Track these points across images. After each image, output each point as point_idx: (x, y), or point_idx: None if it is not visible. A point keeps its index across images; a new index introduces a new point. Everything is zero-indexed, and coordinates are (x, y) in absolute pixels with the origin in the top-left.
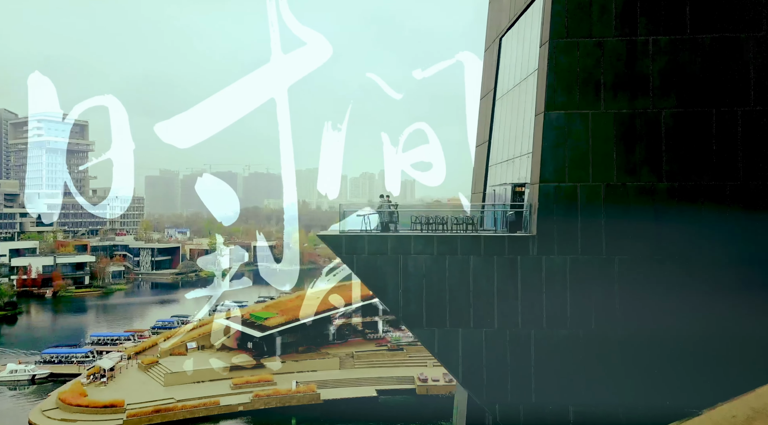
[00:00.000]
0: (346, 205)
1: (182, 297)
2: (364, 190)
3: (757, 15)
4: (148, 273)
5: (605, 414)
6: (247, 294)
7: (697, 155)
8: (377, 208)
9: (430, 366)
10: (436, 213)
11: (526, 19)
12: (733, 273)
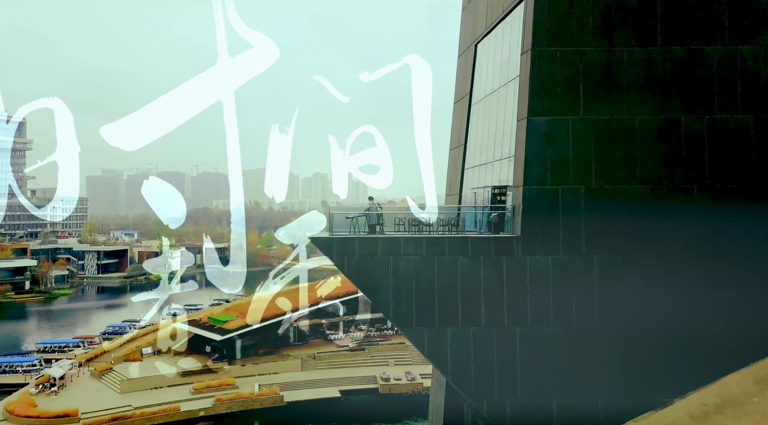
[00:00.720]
0: (335, 208)
1: (130, 302)
2: (317, 191)
3: (720, 28)
4: (94, 277)
5: (586, 407)
6: (198, 297)
7: (668, 160)
8: (365, 210)
9: (392, 366)
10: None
11: (504, 27)
12: (703, 271)
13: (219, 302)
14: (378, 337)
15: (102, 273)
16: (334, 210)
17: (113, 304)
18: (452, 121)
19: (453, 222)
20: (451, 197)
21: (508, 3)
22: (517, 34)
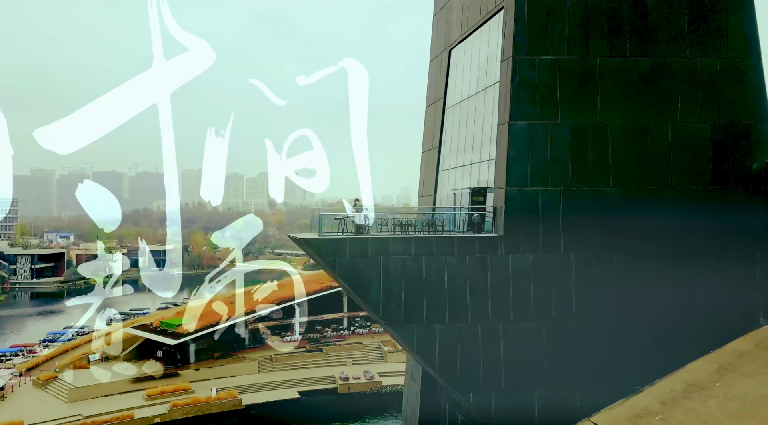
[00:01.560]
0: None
1: (67, 307)
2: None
3: (682, 42)
4: (28, 282)
5: (565, 397)
6: (141, 301)
7: (637, 163)
8: (354, 211)
9: (350, 365)
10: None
11: (481, 35)
12: (668, 266)
13: (167, 306)
14: (335, 337)
15: (37, 277)
16: (323, 211)
17: (49, 310)
18: (424, 125)
19: (438, 223)
20: (425, 198)
21: (486, 11)
22: (495, 42)
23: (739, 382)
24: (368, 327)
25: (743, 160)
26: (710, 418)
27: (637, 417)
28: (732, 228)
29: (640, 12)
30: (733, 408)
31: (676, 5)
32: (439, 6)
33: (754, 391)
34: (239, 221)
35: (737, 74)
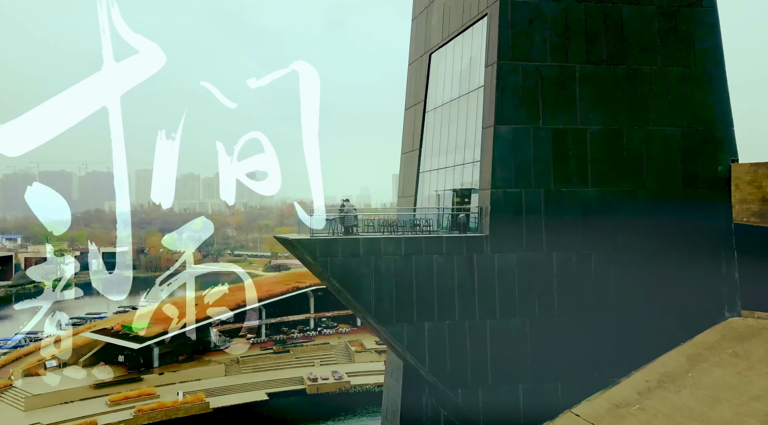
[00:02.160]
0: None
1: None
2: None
3: (654, 52)
4: None
5: (548, 390)
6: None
7: (614, 166)
8: (343, 212)
9: (318, 366)
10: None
11: (463, 40)
12: (641, 263)
13: (125, 309)
14: (302, 339)
15: None
16: (316, 212)
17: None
18: (404, 127)
19: (425, 224)
20: (406, 199)
21: (468, 18)
22: (478, 47)
23: (708, 372)
24: (335, 328)
25: (709, 163)
26: (684, 406)
27: (616, 407)
28: (699, 227)
29: (615, 22)
30: (705, 396)
31: (649, 17)
32: (417, 11)
33: (723, 380)
34: (197, 222)
35: (704, 82)
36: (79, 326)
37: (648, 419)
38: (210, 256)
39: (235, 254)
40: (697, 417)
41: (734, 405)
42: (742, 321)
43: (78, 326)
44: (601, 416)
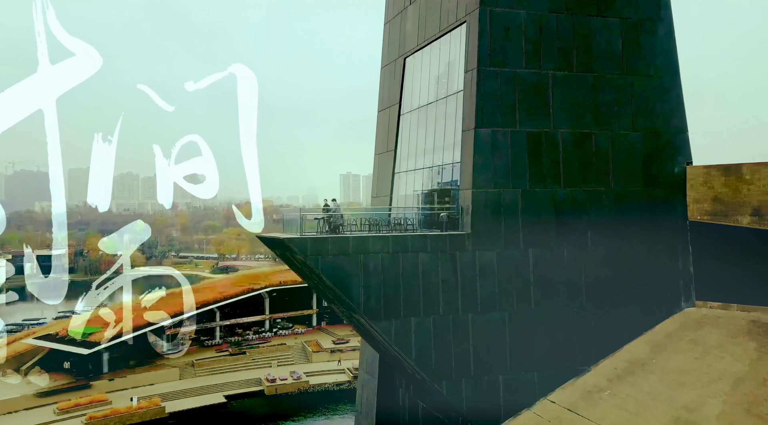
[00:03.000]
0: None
1: None
2: None
3: (618, 61)
4: None
5: (525, 380)
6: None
7: (583, 167)
8: (329, 211)
9: (275, 367)
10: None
11: (440, 45)
12: (607, 259)
13: (66, 314)
14: (258, 340)
15: None
16: (305, 212)
17: None
18: (377, 129)
19: (410, 223)
20: (380, 199)
21: (445, 24)
22: (456, 53)
23: (671, 358)
24: (290, 329)
25: (667, 165)
26: (652, 390)
27: (588, 393)
28: (659, 224)
29: (584, 33)
30: (670, 380)
31: (614, 29)
32: (390, 15)
33: (685, 365)
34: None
35: (662, 90)
36: (17, 333)
37: (619, 403)
38: (154, 258)
39: (180, 256)
40: (664, 400)
41: (697, 387)
42: (697, 311)
43: (15, 333)
44: (576, 402)
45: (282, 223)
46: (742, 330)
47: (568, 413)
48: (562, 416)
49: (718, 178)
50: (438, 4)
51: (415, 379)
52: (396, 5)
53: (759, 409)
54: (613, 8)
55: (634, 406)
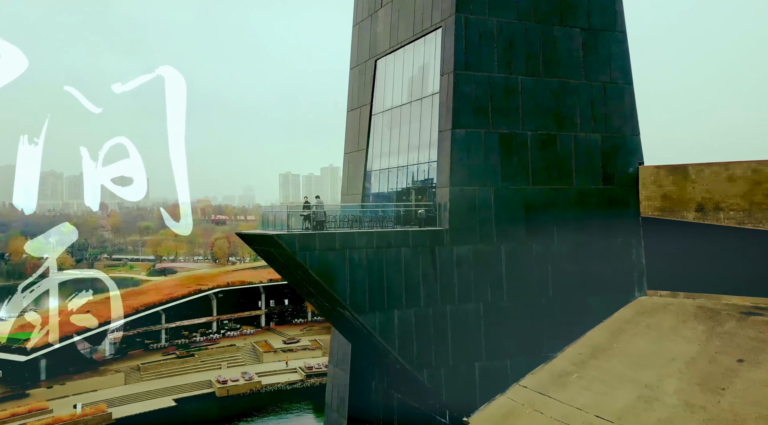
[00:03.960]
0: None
1: None
2: None
3: (579, 67)
4: None
5: (498, 367)
6: None
7: (549, 166)
8: (314, 208)
9: (225, 368)
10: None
11: (414, 49)
12: (571, 252)
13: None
14: (205, 342)
15: None
16: (291, 209)
17: None
18: (347, 128)
19: (390, 219)
20: (352, 197)
21: (420, 29)
22: (431, 56)
23: (630, 342)
24: (238, 330)
25: (623, 165)
26: (615, 371)
27: (557, 377)
28: (615, 220)
29: (549, 41)
30: (631, 362)
31: (575, 38)
32: (359, 18)
33: (643, 348)
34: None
35: (618, 96)
36: None
37: (587, 384)
38: (85, 261)
39: (113, 258)
40: (628, 380)
41: (656, 367)
42: (649, 299)
43: None
44: (546, 386)
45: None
46: (690, 315)
47: (540, 396)
48: (535, 399)
49: (667, 177)
50: (411, 9)
51: (392, 370)
52: (365, 8)
53: (711, 384)
54: (574, 18)
55: (601, 387)
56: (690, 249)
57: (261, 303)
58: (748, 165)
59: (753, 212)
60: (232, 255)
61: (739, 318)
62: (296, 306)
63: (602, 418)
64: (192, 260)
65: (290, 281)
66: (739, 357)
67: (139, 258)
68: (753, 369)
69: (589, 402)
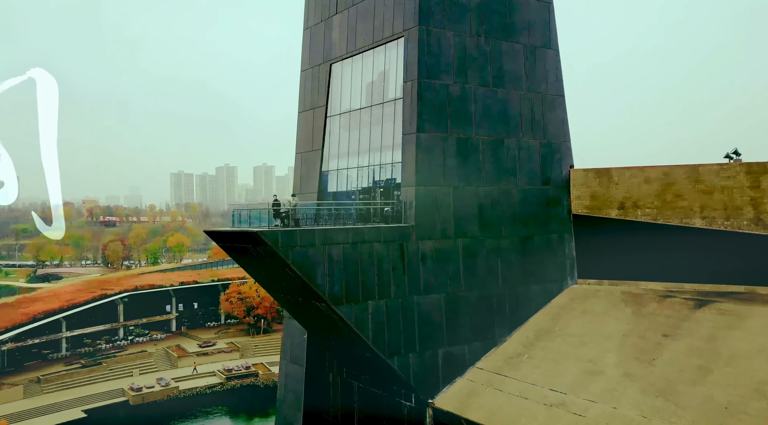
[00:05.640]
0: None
1: None
2: None
3: (521, 79)
4: None
5: (458, 353)
6: None
7: (498, 168)
8: (292, 206)
9: (137, 375)
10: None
11: (374, 56)
12: (517, 245)
13: None
14: (112, 349)
15: None
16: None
17: None
18: (299, 128)
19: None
20: (307, 195)
21: (380, 37)
22: (392, 63)
23: (569, 325)
24: (147, 335)
25: (557, 168)
26: (560, 350)
27: (510, 358)
28: (552, 217)
29: (496, 55)
30: (573, 341)
31: (518, 52)
32: (312, 22)
33: (581, 329)
34: None
35: (552, 106)
36: None
37: (537, 363)
38: None
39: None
40: (572, 357)
41: (594, 345)
42: (580, 287)
43: None
44: (501, 366)
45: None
46: (618, 300)
47: (496, 376)
48: (492, 379)
49: (594, 179)
50: (371, 18)
51: (356, 360)
52: (318, 13)
53: (644, 356)
54: (516, 35)
55: (550, 364)
56: (613, 242)
57: (171, 307)
58: (660, 169)
59: (664, 209)
60: (127, 259)
61: (658, 301)
62: (207, 309)
63: (556, 391)
64: (80, 265)
65: (257, 277)
66: (663, 333)
67: (16, 264)
68: (675, 342)
69: (542, 379)
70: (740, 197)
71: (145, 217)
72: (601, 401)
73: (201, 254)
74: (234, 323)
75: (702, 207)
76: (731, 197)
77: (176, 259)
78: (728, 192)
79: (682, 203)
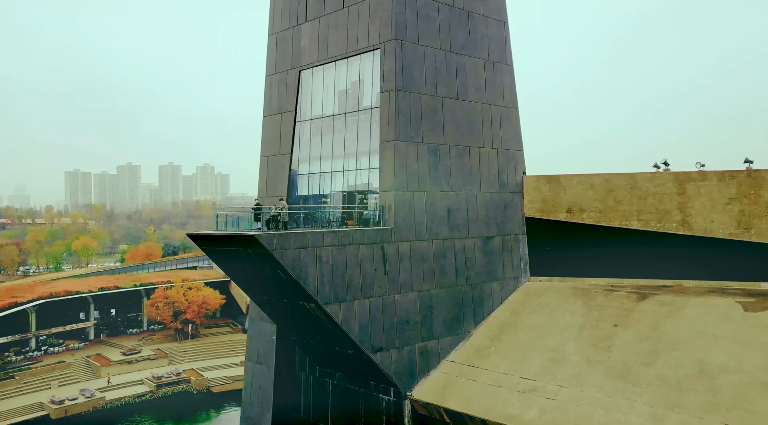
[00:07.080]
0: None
1: None
2: None
3: (482, 92)
4: None
5: (432, 346)
6: None
7: (464, 174)
8: (280, 210)
9: (56, 387)
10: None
11: (348, 65)
12: (481, 245)
13: None
14: (24, 361)
15: None
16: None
17: None
18: (264, 132)
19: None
20: (274, 198)
21: (354, 47)
22: (366, 73)
23: (528, 318)
24: (62, 345)
25: (512, 174)
26: (524, 341)
27: (478, 350)
28: (508, 219)
29: (462, 69)
30: (534, 333)
31: (479, 67)
32: (279, 28)
33: (540, 322)
34: None
35: (508, 117)
36: None
37: (504, 354)
38: None
39: None
40: (536, 347)
41: (554, 335)
42: (533, 284)
43: None
44: (471, 359)
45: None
46: (569, 294)
47: (468, 368)
48: (464, 370)
49: (544, 185)
50: (344, 29)
51: (342, 356)
52: (286, 20)
53: (600, 344)
54: (477, 51)
55: (517, 355)
56: (561, 243)
57: (90, 314)
58: (603, 176)
59: (606, 213)
60: (24, 264)
61: (605, 295)
62: (126, 316)
63: (526, 378)
64: None
65: (238, 279)
66: (614, 323)
67: None
68: (626, 331)
69: (511, 368)
70: (669, 202)
71: (41, 219)
72: (569, 385)
73: (108, 258)
74: (159, 329)
75: (638, 211)
76: (662, 202)
77: (81, 264)
78: (659, 197)
79: (622, 207)
